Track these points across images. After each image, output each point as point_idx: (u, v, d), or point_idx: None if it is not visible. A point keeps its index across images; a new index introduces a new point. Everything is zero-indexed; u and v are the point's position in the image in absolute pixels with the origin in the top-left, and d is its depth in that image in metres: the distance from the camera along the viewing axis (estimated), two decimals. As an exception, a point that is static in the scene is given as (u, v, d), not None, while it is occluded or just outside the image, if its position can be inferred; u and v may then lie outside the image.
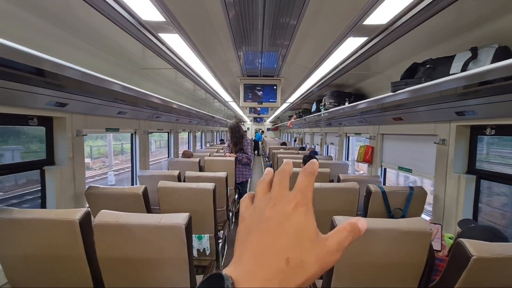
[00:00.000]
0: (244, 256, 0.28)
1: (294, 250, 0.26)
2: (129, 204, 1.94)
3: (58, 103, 1.79)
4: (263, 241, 0.27)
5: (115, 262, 1.26)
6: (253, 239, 0.28)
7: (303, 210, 0.29)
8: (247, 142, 3.65)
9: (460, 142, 1.99)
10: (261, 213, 0.30)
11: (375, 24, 1.50)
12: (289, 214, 0.28)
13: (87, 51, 1.86)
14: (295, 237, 0.27)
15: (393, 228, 1.19)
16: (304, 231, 0.28)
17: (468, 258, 1.02)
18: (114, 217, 1.24)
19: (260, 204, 0.31)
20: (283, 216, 0.28)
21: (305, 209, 0.29)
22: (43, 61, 1.18)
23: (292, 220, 0.28)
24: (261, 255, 0.27)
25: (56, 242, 1.25)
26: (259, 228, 0.29)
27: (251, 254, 0.27)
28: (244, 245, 0.29)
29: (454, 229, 1.94)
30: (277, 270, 0.25)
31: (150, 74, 2.82)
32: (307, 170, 0.31)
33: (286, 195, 0.30)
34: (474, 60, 1.34)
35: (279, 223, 0.28)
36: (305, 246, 0.27)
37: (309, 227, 0.28)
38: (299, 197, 0.29)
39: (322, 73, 2.65)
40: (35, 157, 2.00)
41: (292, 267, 0.26)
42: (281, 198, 0.30)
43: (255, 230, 0.29)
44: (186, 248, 1.24)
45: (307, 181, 0.30)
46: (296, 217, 0.28)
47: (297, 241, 0.27)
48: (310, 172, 0.31)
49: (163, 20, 1.50)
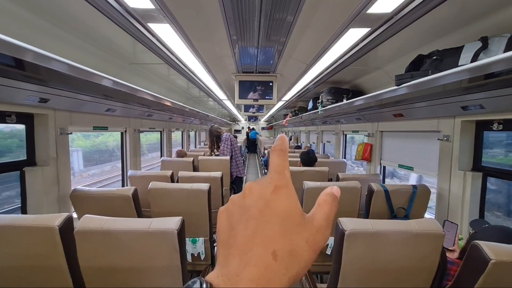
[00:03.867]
0: (230, 256, 0.24)
1: (280, 241, 0.24)
2: (118, 207, 1.82)
3: (39, 99, 1.65)
4: (246, 235, 0.24)
5: (100, 272, 1.15)
6: (235, 235, 0.25)
7: (284, 192, 0.26)
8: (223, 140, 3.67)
9: (465, 138, 1.93)
10: (239, 204, 0.27)
11: (379, 13, 1.41)
12: (269, 199, 0.25)
13: (71, 43, 1.72)
14: (279, 225, 0.24)
15: (403, 230, 1.11)
16: (288, 216, 0.25)
17: (486, 261, 0.94)
18: (98, 223, 1.12)
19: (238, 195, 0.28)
20: (263, 203, 0.25)
21: (285, 190, 0.26)
22: (23, 51, 1.05)
23: (273, 206, 0.25)
24: (245, 252, 0.24)
25: (34, 251, 1.12)
26: (240, 222, 0.25)
27: (234, 253, 0.24)
28: (227, 243, 0.25)
29: (461, 229, 1.88)
30: (264, 267, 0.23)
31: (141, 70, 2.68)
32: (277, 147, 0.28)
33: (262, 180, 0.27)
34: (484, 51, 1.26)
35: (259, 212, 0.25)
36: (292, 233, 0.24)
37: (293, 210, 0.26)
38: (276, 178, 0.26)
39: (320, 69, 2.57)
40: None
41: (281, 260, 0.23)
42: (257, 183, 0.27)
43: (236, 225, 0.26)
44: (178, 255, 1.14)
45: (280, 159, 0.27)
46: (277, 201, 0.25)
47: (282, 229, 0.24)
48: (281, 149, 0.28)
49: (151, 7, 1.38)
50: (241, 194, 0.27)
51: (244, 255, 0.24)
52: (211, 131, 3.82)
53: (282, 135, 0.29)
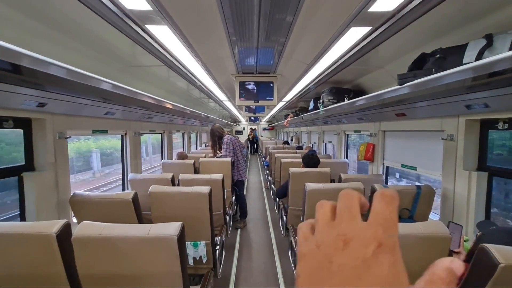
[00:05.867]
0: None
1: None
2: (118, 211, 1.80)
3: (37, 103, 1.63)
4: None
5: (99, 280, 1.12)
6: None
7: (388, 258, 0.20)
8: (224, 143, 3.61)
9: (470, 138, 1.89)
10: (328, 255, 0.21)
11: (381, 11, 1.38)
12: (369, 262, 0.20)
13: (68, 47, 1.71)
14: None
15: (409, 233, 1.08)
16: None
17: (495, 265, 0.91)
18: (96, 229, 1.10)
19: (325, 238, 0.22)
20: (361, 265, 0.20)
21: (390, 257, 0.20)
22: (20, 56, 1.04)
23: (373, 272, 0.19)
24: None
25: (32, 259, 1.11)
26: (328, 280, 0.20)
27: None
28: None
29: (466, 230, 1.84)
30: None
31: (141, 72, 2.66)
32: (388, 195, 0.22)
33: (361, 230, 0.21)
34: (489, 48, 1.23)
35: (356, 276, 0.19)
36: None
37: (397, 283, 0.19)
38: (381, 235, 0.20)
39: (320, 69, 2.54)
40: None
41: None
42: (354, 234, 0.21)
43: (323, 281, 0.20)
44: (179, 262, 1.11)
45: (389, 210, 0.21)
46: (378, 267, 0.19)
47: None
48: (392, 197, 0.22)
49: (149, 9, 1.36)
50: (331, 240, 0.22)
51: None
52: (213, 131, 3.75)
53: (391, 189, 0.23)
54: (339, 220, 0.23)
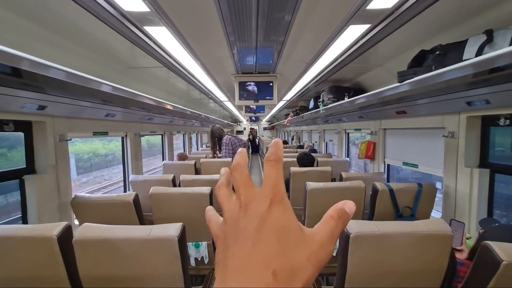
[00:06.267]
0: (227, 277, 0.23)
1: (279, 259, 0.22)
2: (119, 213, 1.80)
3: (37, 106, 1.63)
4: (243, 255, 0.23)
5: (101, 281, 1.13)
6: (232, 256, 0.24)
7: (280, 207, 0.25)
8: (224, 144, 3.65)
9: (471, 134, 1.88)
10: (234, 225, 0.25)
11: (379, 8, 1.37)
12: (265, 216, 0.24)
13: (67, 50, 1.71)
14: (278, 241, 0.23)
15: (411, 231, 1.07)
16: (286, 232, 0.24)
17: (498, 263, 0.91)
18: (97, 231, 1.10)
19: (231, 213, 0.26)
20: (259, 220, 0.24)
21: (281, 205, 0.25)
22: (20, 59, 1.04)
23: (270, 223, 0.24)
24: (243, 273, 0.22)
25: (33, 261, 1.11)
26: (237, 242, 0.24)
27: (233, 273, 0.23)
28: (225, 264, 0.24)
29: (468, 227, 1.83)
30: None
31: (140, 74, 2.67)
32: (272, 157, 0.26)
33: (256, 195, 0.25)
34: (489, 44, 1.22)
35: (256, 230, 0.24)
36: (291, 249, 0.23)
37: (291, 226, 0.24)
38: (271, 193, 0.25)
39: (320, 67, 2.53)
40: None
41: (281, 279, 0.22)
42: (251, 199, 0.25)
43: (233, 245, 0.24)
44: (180, 263, 1.11)
45: (275, 171, 0.26)
46: (273, 218, 0.24)
47: (280, 246, 0.23)
48: (276, 159, 0.26)
49: (147, 10, 1.36)
50: (235, 212, 0.26)
51: (240, 275, 0.22)
52: (213, 132, 3.77)
53: (276, 141, 0.27)
54: (238, 192, 0.26)
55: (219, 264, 0.25)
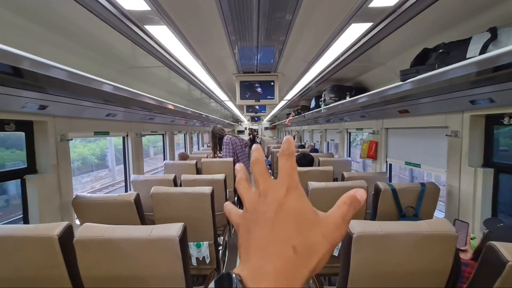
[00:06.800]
0: (250, 254, 0.27)
1: (298, 237, 0.26)
2: (120, 212, 1.80)
3: (38, 106, 1.63)
4: (264, 235, 0.26)
5: (102, 281, 1.12)
6: (254, 236, 0.27)
7: (295, 193, 0.28)
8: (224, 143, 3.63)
9: (475, 134, 1.86)
10: (255, 211, 0.28)
11: (382, 6, 1.36)
12: (282, 202, 0.27)
13: (68, 49, 1.71)
14: (295, 223, 0.26)
15: (414, 232, 1.06)
16: (302, 214, 0.27)
17: (503, 263, 0.89)
18: (98, 231, 1.09)
19: (251, 202, 0.29)
20: (277, 205, 0.27)
21: (296, 191, 0.28)
22: (21, 59, 1.04)
23: (287, 206, 0.27)
24: (266, 248, 0.26)
25: (34, 261, 1.10)
26: (258, 224, 0.27)
27: (255, 250, 0.26)
28: (247, 244, 0.28)
29: (473, 227, 1.81)
30: (285, 260, 0.25)
31: (141, 73, 2.66)
32: (286, 152, 0.29)
33: (273, 184, 0.29)
34: (494, 42, 1.21)
35: (275, 213, 0.27)
36: (308, 229, 0.26)
37: (306, 209, 0.28)
38: (287, 181, 0.28)
39: (321, 67, 2.52)
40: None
41: (300, 254, 0.25)
42: (269, 188, 0.28)
43: (254, 228, 0.28)
44: (181, 263, 1.10)
45: (289, 163, 0.29)
46: (289, 202, 0.27)
47: (298, 226, 0.26)
48: (289, 153, 0.29)
49: (147, 9, 1.35)
50: (255, 200, 0.29)
51: (262, 251, 0.26)
52: (214, 132, 3.77)
53: (288, 137, 0.30)
54: (257, 184, 0.30)
55: (242, 246, 0.28)
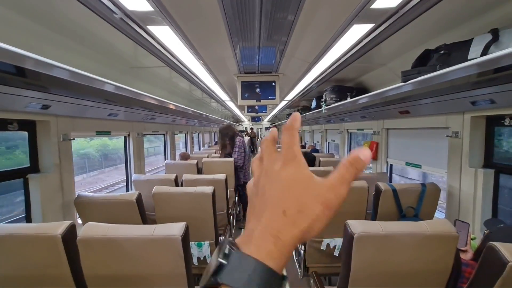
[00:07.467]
0: (248, 223, 0.30)
1: (288, 201, 0.28)
2: (122, 212, 1.81)
3: (40, 106, 1.64)
4: (261, 202, 0.30)
5: (104, 280, 1.13)
6: (254, 205, 0.31)
7: (293, 163, 0.29)
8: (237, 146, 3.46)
9: (475, 134, 1.87)
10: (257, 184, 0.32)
11: (384, 7, 1.36)
12: (279, 173, 0.29)
13: (71, 49, 1.72)
14: (288, 190, 0.28)
15: (415, 232, 1.06)
16: (296, 181, 0.28)
17: (504, 264, 0.90)
18: (101, 230, 1.10)
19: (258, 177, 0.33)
20: (274, 176, 0.30)
21: (294, 163, 0.29)
22: (24, 59, 1.05)
23: (282, 176, 0.29)
24: (261, 214, 0.28)
25: (37, 260, 1.11)
26: (257, 195, 0.31)
27: (254, 216, 0.30)
28: (250, 213, 0.31)
29: (473, 228, 1.82)
30: (275, 220, 0.27)
31: (143, 73, 2.67)
32: (286, 126, 0.31)
33: (274, 158, 0.31)
34: (495, 43, 1.21)
35: (270, 183, 0.30)
36: (299, 194, 0.28)
37: (301, 177, 0.29)
38: (284, 154, 0.30)
39: (323, 67, 2.52)
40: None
41: (290, 215, 0.27)
42: (270, 162, 0.31)
43: (254, 199, 0.31)
44: (183, 262, 1.11)
45: (289, 136, 0.30)
46: (285, 173, 0.29)
47: (290, 192, 0.28)
48: (289, 127, 0.31)
49: (150, 9, 1.35)
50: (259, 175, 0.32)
51: (259, 216, 0.29)
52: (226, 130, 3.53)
53: (295, 113, 0.32)
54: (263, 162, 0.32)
55: (248, 215, 0.32)
